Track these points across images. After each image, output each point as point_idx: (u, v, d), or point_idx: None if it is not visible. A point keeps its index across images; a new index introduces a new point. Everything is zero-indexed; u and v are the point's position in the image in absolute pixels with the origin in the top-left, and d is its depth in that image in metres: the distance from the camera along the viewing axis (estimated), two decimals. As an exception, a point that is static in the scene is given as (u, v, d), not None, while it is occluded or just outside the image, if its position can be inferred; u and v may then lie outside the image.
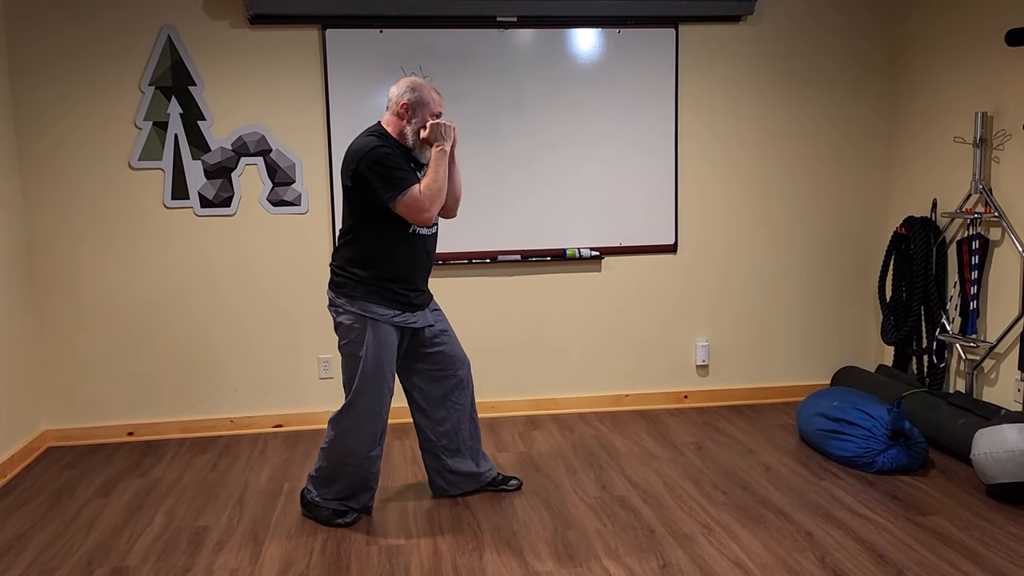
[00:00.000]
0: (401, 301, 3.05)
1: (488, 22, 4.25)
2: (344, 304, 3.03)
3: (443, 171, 2.93)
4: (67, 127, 4.07)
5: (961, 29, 4.08)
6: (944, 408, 3.75)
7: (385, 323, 3.02)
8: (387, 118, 3.04)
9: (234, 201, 4.21)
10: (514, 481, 3.45)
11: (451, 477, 3.34)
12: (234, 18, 4.12)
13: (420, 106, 2.97)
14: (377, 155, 2.90)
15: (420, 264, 3.09)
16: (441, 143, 2.95)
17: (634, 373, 4.62)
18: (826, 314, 4.72)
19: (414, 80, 3.03)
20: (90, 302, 4.17)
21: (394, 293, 3.03)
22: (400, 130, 3.01)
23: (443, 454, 3.31)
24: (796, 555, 2.83)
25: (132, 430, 4.27)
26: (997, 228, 3.90)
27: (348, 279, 3.03)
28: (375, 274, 3.00)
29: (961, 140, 4.10)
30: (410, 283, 3.07)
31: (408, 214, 2.92)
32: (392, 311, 3.03)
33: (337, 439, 3.07)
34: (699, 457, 3.80)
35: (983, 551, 2.82)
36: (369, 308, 3.00)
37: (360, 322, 3.01)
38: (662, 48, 4.39)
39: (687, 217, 4.55)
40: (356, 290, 3.01)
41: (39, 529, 3.19)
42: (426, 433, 3.29)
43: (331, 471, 3.11)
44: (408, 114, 2.98)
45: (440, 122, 2.96)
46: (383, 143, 2.94)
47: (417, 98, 2.97)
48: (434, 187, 2.91)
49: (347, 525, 3.11)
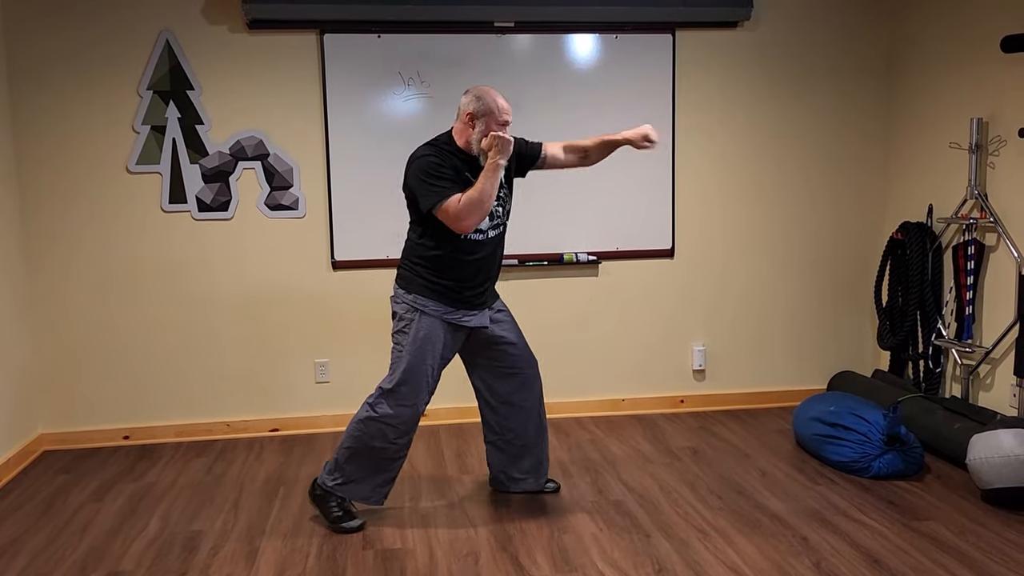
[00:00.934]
0: (455, 299, 3.08)
1: (485, 27, 4.26)
2: (401, 294, 3.11)
3: (491, 183, 2.92)
4: (65, 131, 4.07)
5: (957, 35, 4.10)
6: (940, 413, 3.75)
7: (436, 318, 3.06)
8: (456, 127, 3.07)
9: (232, 205, 4.22)
10: (551, 483, 3.48)
11: (514, 473, 3.37)
12: (232, 23, 4.13)
13: (485, 115, 3.00)
14: (421, 163, 2.97)
15: (476, 265, 3.10)
16: (496, 155, 2.94)
17: (631, 378, 4.62)
18: (822, 319, 4.73)
19: (481, 88, 3.05)
20: (87, 305, 4.17)
21: (448, 290, 3.07)
22: (467, 139, 3.03)
23: (508, 450, 3.34)
24: (792, 560, 2.83)
25: (128, 434, 4.26)
26: (993, 234, 3.91)
27: (408, 272, 3.11)
28: (429, 272, 3.07)
29: (957, 146, 4.12)
30: (466, 282, 3.09)
31: (445, 222, 2.96)
32: (444, 307, 3.07)
33: (368, 421, 3.08)
34: (695, 462, 3.80)
35: (979, 556, 2.83)
36: (421, 300, 3.07)
37: (411, 313, 3.07)
38: (659, 54, 4.41)
39: (684, 222, 4.55)
40: (413, 283, 3.08)
41: (33, 533, 3.18)
42: (492, 427, 3.33)
43: (351, 451, 3.11)
44: (472, 123, 3.01)
45: (501, 135, 2.94)
46: (432, 152, 2.99)
47: (482, 107, 2.99)
48: (475, 198, 2.91)
49: (351, 531, 3.10)
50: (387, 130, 4.26)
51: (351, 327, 4.33)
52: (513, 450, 3.35)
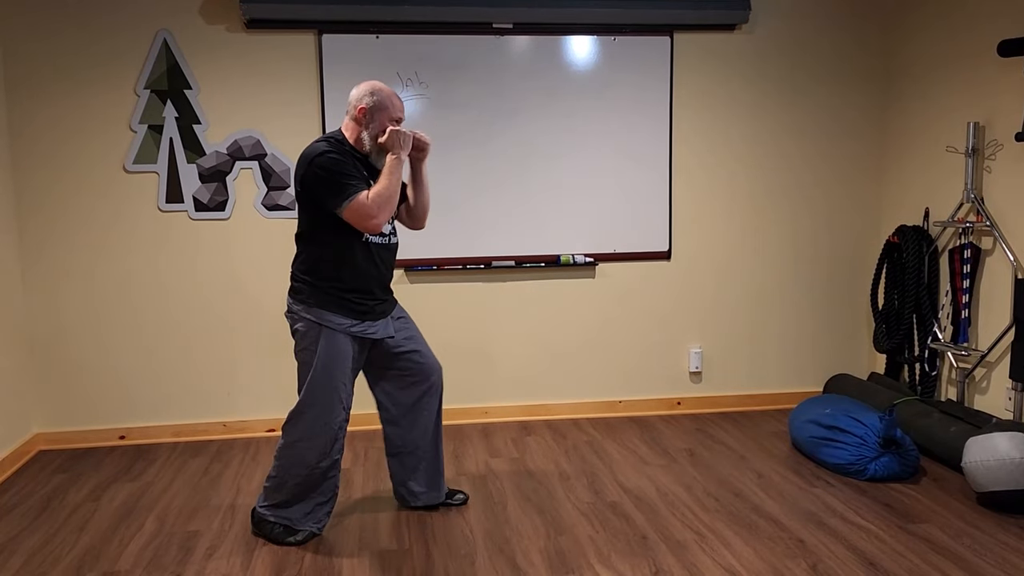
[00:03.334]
0: (358, 310, 2.96)
1: (484, 29, 4.26)
2: (300, 311, 2.94)
3: (395, 179, 2.83)
4: (62, 129, 4.06)
5: (954, 40, 4.11)
6: (936, 416, 3.76)
7: (341, 332, 2.93)
8: (345, 123, 2.95)
9: (228, 205, 4.21)
10: (460, 495, 3.37)
11: (416, 488, 3.28)
12: (230, 22, 4.12)
13: (379, 111, 2.89)
14: (324, 161, 2.80)
15: (377, 273, 3.00)
16: (397, 151, 2.86)
17: (627, 379, 4.62)
18: (819, 322, 4.74)
19: (374, 84, 2.93)
20: (83, 305, 4.16)
21: (350, 302, 2.94)
22: (357, 135, 2.92)
23: (409, 462, 3.25)
24: (788, 562, 2.83)
25: (124, 434, 4.25)
26: (989, 237, 3.93)
27: (304, 286, 2.94)
28: (330, 282, 2.91)
29: (953, 150, 4.13)
30: (367, 292, 2.98)
31: (355, 221, 2.81)
32: (349, 320, 2.94)
33: (285, 448, 2.99)
34: (692, 464, 3.81)
35: (974, 559, 2.83)
36: (324, 316, 2.91)
37: (314, 330, 2.92)
38: (657, 56, 4.41)
39: (681, 224, 4.56)
40: (312, 297, 2.92)
41: (29, 533, 3.17)
42: (394, 441, 3.23)
43: (278, 481, 3.02)
44: (366, 119, 2.89)
45: (398, 129, 2.86)
46: (332, 149, 2.84)
47: (376, 103, 2.89)
48: (384, 194, 2.80)
49: (297, 544, 3.01)
50: (385, 131, 4.26)
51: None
52: (412, 463, 3.24)
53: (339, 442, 3.02)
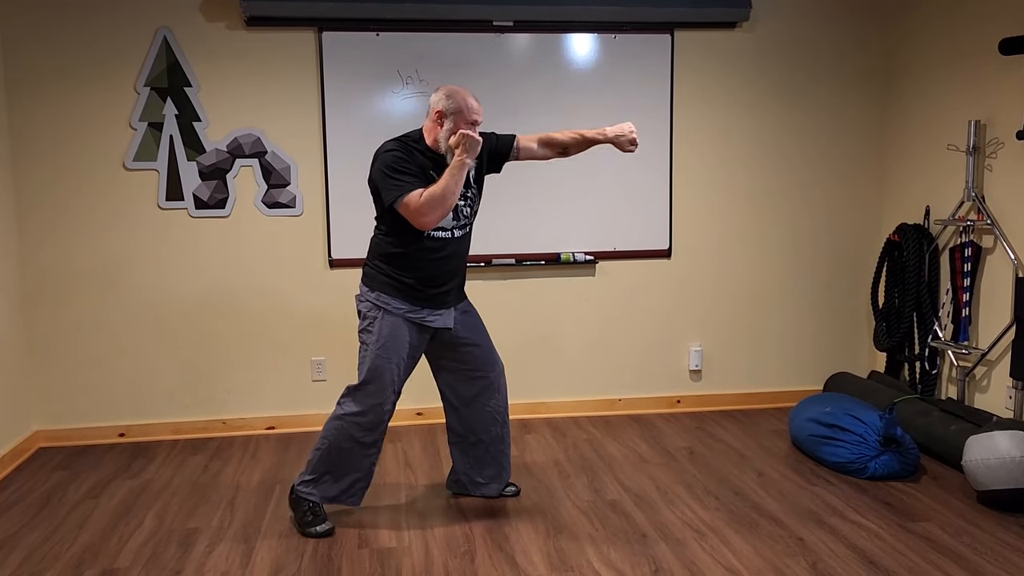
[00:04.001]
0: (418, 297, 3.05)
1: (484, 26, 4.26)
2: (365, 292, 3.09)
3: (455, 181, 2.90)
4: (62, 127, 4.06)
5: (955, 38, 4.11)
6: (936, 415, 3.76)
7: (398, 316, 3.04)
8: (425, 124, 3.05)
9: (229, 203, 4.21)
10: (511, 487, 3.45)
11: (475, 477, 3.34)
12: (230, 20, 4.12)
13: (454, 113, 2.98)
14: (386, 157, 2.95)
15: (440, 263, 3.07)
16: (462, 154, 2.92)
17: (627, 378, 4.62)
18: (819, 320, 4.73)
19: (452, 88, 3.03)
20: (82, 302, 4.16)
21: (411, 289, 3.04)
22: (434, 137, 3.02)
23: (471, 453, 3.32)
24: (787, 560, 2.83)
25: (123, 431, 4.25)
26: (989, 236, 3.92)
27: (372, 270, 3.09)
28: (394, 269, 3.04)
29: (954, 148, 4.12)
30: (429, 281, 3.06)
31: (407, 217, 2.94)
32: (406, 306, 3.04)
33: (335, 420, 3.08)
34: (691, 462, 3.81)
35: (974, 558, 2.83)
36: (384, 299, 3.04)
37: (374, 311, 3.05)
38: (658, 54, 4.41)
39: (681, 222, 4.56)
40: (375, 281, 3.06)
41: (29, 530, 3.17)
42: (456, 430, 3.30)
43: (321, 451, 3.10)
44: (441, 121, 2.99)
45: (468, 133, 2.92)
46: (397, 147, 2.97)
47: (451, 105, 2.97)
48: (437, 194, 2.88)
49: (318, 536, 3.05)
50: (385, 129, 4.23)
51: (348, 325, 4.32)
52: (476, 453, 3.31)
53: (383, 424, 3.10)
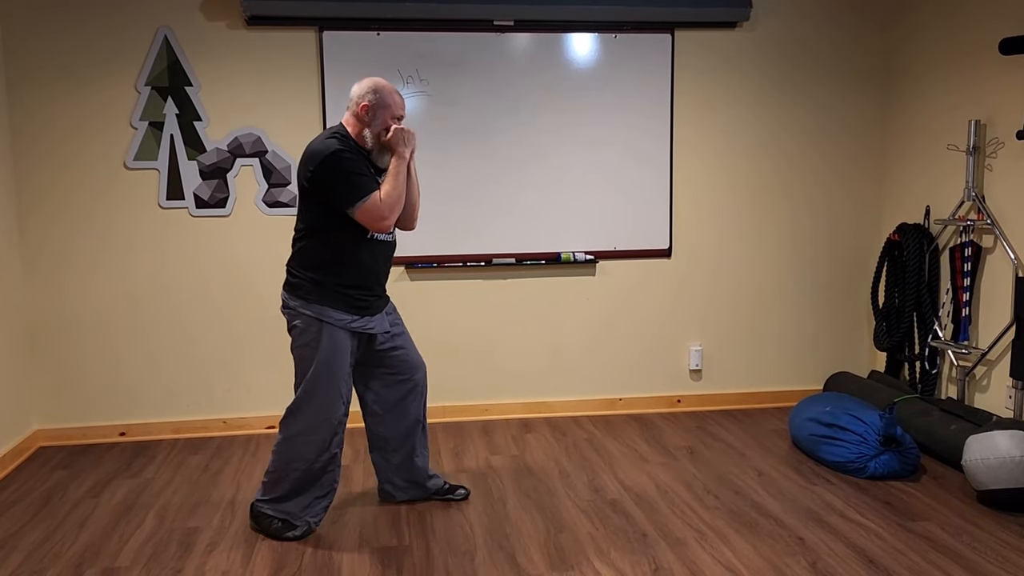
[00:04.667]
0: (358, 306, 2.97)
1: (485, 26, 4.26)
2: (299, 307, 2.94)
3: (403, 179, 2.86)
4: (62, 126, 4.06)
5: (955, 38, 4.11)
6: (936, 414, 3.76)
7: (341, 328, 2.95)
8: (347, 118, 2.95)
9: (229, 202, 4.21)
10: (461, 491, 3.38)
11: (399, 483, 3.30)
12: (231, 19, 4.12)
13: (381, 108, 2.89)
14: (337, 159, 2.80)
15: (378, 269, 3.02)
16: (401, 149, 2.87)
17: (627, 377, 4.62)
18: (819, 320, 4.73)
19: (376, 81, 2.93)
20: (83, 301, 4.16)
21: (351, 298, 2.95)
22: (359, 132, 2.92)
23: (393, 458, 3.26)
24: (787, 560, 2.83)
25: (124, 430, 4.25)
26: (989, 235, 3.92)
27: (304, 282, 2.94)
28: (332, 279, 2.92)
29: (954, 148, 4.13)
30: (367, 288, 3.00)
31: (366, 221, 2.84)
32: (349, 316, 2.95)
33: (283, 444, 3.00)
34: (692, 461, 3.81)
35: (974, 557, 2.83)
36: (325, 312, 2.92)
37: (315, 326, 2.92)
38: (658, 53, 4.41)
39: (681, 222, 4.56)
40: (312, 293, 2.92)
41: (29, 529, 3.17)
42: (378, 437, 3.24)
43: (277, 476, 3.03)
44: (368, 116, 2.89)
45: (403, 128, 2.88)
46: (344, 147, 2.84)
47: (378, 100, 2.88)
48: (393, 195, 2.84)
49: (295, 539, 3.02)
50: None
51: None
52: (397, 459, 3.26)
53: (339, 436, 3.03)
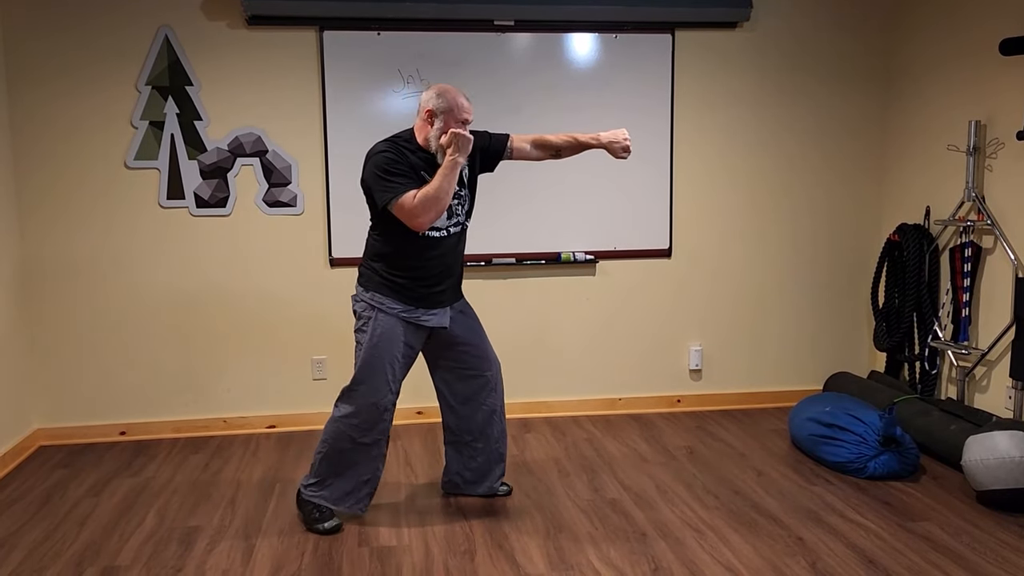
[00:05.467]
0: (412, 296, 3.06)
1: (485, 26, 4.26)
2: (360, 292, 3.10)
3: (448, 181, 2.91)
4: (63, 126, 4.07)
5: (955, 38, 4.11)
6: (936, 415, 3.76)
7: (393, 316, 3.04)
8: (416, 124, 3.05)
9: (230, 201, 4.21)
10: (504, 487, 3.44)
11: (468, 476, 3.35)
12: (232, 19, 4.12)
13: (444, 112, 2.97)
14: (378, 159, 2.95)
15: (434, 263, 3.08)
16: (454, 153, 2.92)
17: (627, 377, 4.62)
18: (819, 320, 4.74)
19: (443, 87, 3.01)
20: (83, 301, 4.17)
21: (405, 289, 3.05)
22: (425, 136, 3.01)
23: (466, 452, 3.32)
24: (787, 560, 2.84)
25: (124, 429, 4.26)
26: (989, 236, 3.93)
27: (367, 270, 3.10)
28: (388, 269, 3.05)
29: (954, 148, 4.13)
30: (424, 281, 3.07)
31: (401, 218, 2.93)
32: (401, 305, 3.05)
33: (333, 422, 3.09)
34: (691, 461, 3.81)
35: (973, 557, 2.84)
36: (378, 299, 3.05)
37: (369, 311, 3.06)
38: (658, 54, 4.41)
39: (681, 222, 4.56)
40: (371, 281, 3.07)
41: (30, 528, 3.18)
42: (452, 429, 3.31)
43: (322, 455, 3.11)
44: (432, 120, 2.98)
45: (459, 131, 2.92)
46: (389, 148, 2.96)
47: (442, 104, 2.96)
48: (431, 195, 2.88)
49: (326, 532, 3.07)
50: (386, 128, 4.23)
51: (348, 324, 4.32)
52: (471, 452, 3.31)
53: (385, 422, 3.10)
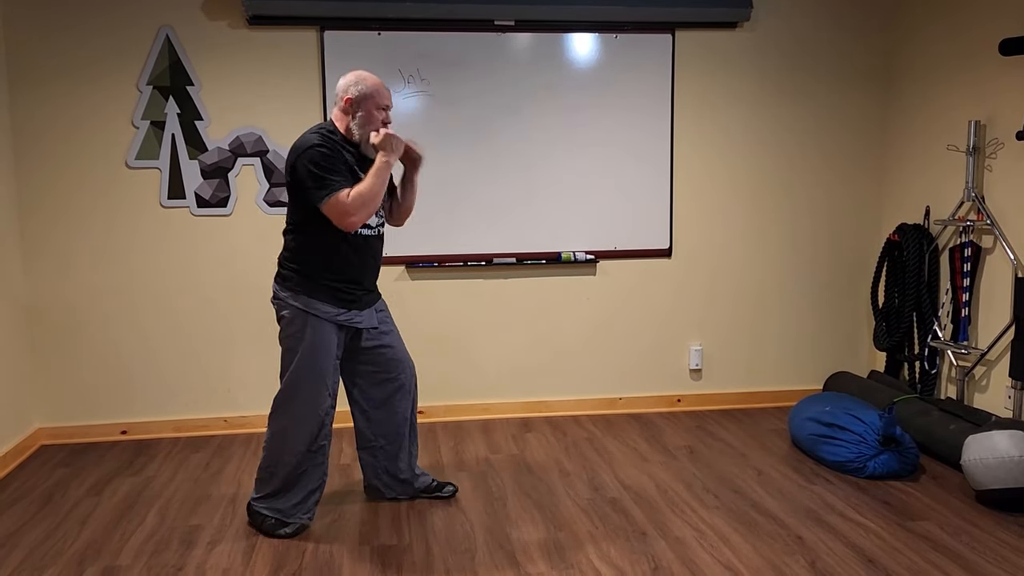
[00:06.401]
0: (345, 299, 2.99)
1: (486, 26, 4.27)
2: (287, 298, 2.96)
3: (380, 181, 2.85)
4: (64, 125, 4.07)
5: (955, 38, 4.11)
6: (935, 414, 3.77)
7: (327, 320, 2.96)
8: (335, 113, 2.98)
9: (230, 201, 4.22)
10: (449, 487, 3.38)
11: (387, 480, 3.31)
12: (232, 19, 4.13)
13: (365, 99, 2.91)
14: (312, 154, 2.83)
15: (364, 263, 3.03)
16: (388, 154, 2.88)
17: (627, 376, 4.63)
18: (819, 320, 4.74)
19: (359, 73, 2.95)
20: (84, 300, 4.17)
21: (337, 291, 2.97)
22: (346, 125, 2.95)
23: (381, 456, 3.27)
24: (786, 559, 2.84)
25: (125, 429, 4.26)
26: (989, 236, 3.93)
27: (292, 274, 2.97)
28: (318, 271, 2.95)
29: (954, 148, 4.13)
30: (354, 282, 3.01)
31: (332, 216, 2.83)
32: (336, 309, 2.97)
33: (273, 438, 3.03)
34: (691, 461, 3.82)
35: (972, 557, 2.84)
36: (311, 304, 2.94)
37: (301, 317, 2.94)
38: (658, 54, 4.42)
39: (682, 222, 4.57)
40: (300, 285, 2.95)
41: (31, 527, 3.19)
42: (365, 434, 3.25)
43: (268, 471, 3.05)
44: (352, 109, 2.93)
45: (392, 133, 2.89)
46: (322, 142, 2.86)
47: (361, 92, 2.91)
48: (366, 194, 2.82)
49: (288, 536, 3.03)
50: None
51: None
52: (383, 457, 3.27)
53: (326, 428, 3.04)
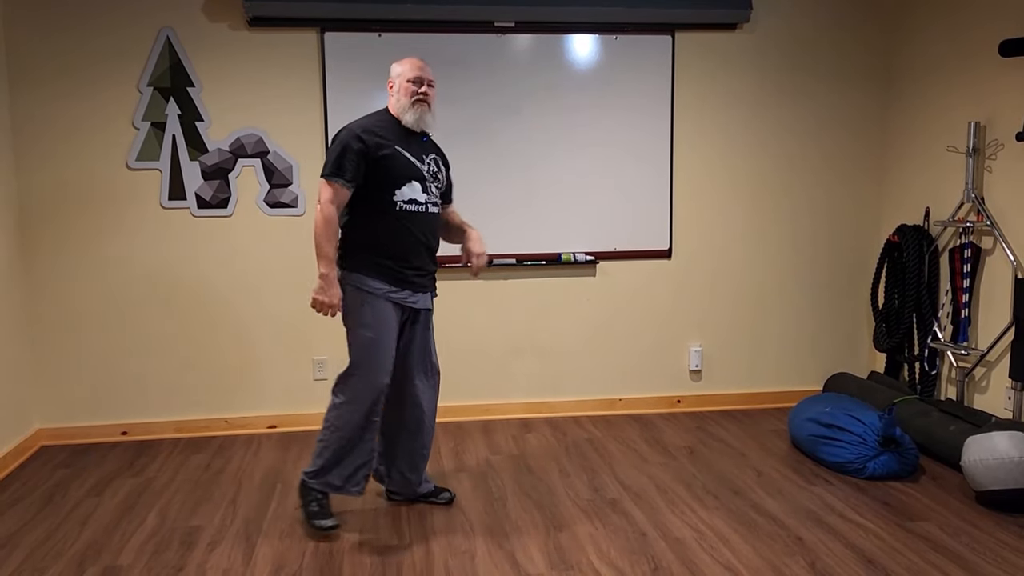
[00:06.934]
0: (397, 278, 3.03)
1: (486, 27, 4.27)
2: (343, 277, 3.04)
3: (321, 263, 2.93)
4: (65, 126, 4.08)
5: (955, 39, 4.12)
6: (935, 415, 3.77)
7: (381, 297, 3.01)
8: (390, 100, 3.15)
9: (231, 202, 4.22)
10: (445, 494, 3.36)
11: (394, 474, 3.31)
12: (233, 20, 4.13)
13: (397, 78, 3.10)
14: (345, 137, 2.99)
15: (408, 240, 3.04)
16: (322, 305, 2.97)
17: (627, 377, 4.63)
18: (819, 320, 4.74)
19: (401, 60, 3.14)
20: (85, 301, 4.18)
21: (387, 268, 3.02)
22: (393, 106, 3.12)
23: (394, 449, 3.27)
24: (786, 560, 2.84)
25: (126, 430, 4.27)
26: (989, 237, 3.93)
27: (344, 251, 3.06)
28: (364, 248, 3.02)
29: (954, 149, 4.14)
30: (404, 260, 3.04)
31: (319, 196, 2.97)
32: (387, 286, 3.02)
33: (333, 410, 3.07)
34: (691, 461, 3.82)
35: (972, 557, 2.84)
36: (363, 281, 3.01)
37: (357, 294, 3.02)
38: (658, 55, 4.42)
39: (682, 223, 4.57)
40: (351, 261, 3.03)
41: (31, 528, 3.19)
42: (384, 423, 3.25)
43: (323, 444, 3.09)
44: (393, 90, 3.12)
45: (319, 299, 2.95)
46: (362, 137, 2.97)
47: (394, 73, 3.11)
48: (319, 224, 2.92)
49: (323, 529, 3.05)
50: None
51: (349, 325, 4.34)
52: (398, 451, 3.26)
53: (378, 405, 3.07)
